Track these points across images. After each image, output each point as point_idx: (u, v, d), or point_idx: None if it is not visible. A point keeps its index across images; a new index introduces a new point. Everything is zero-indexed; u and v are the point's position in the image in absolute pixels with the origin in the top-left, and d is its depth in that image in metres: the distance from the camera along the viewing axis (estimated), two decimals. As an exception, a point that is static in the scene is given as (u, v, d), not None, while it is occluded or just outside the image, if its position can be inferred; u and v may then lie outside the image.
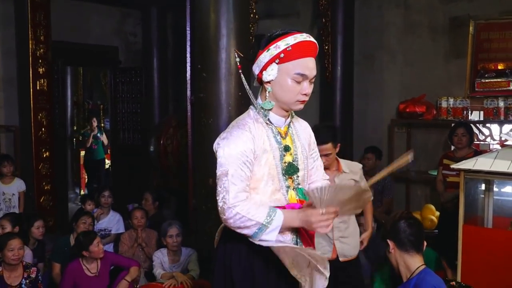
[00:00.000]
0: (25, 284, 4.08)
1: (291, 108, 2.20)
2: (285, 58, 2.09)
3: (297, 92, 2.12)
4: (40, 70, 6.08)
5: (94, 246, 4.27)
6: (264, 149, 2.15)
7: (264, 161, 2.15)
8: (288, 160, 2.21)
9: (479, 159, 3.49)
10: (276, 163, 2.17)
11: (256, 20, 5.72)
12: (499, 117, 5.58)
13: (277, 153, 2.18)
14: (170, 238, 4.63)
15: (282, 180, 2.19)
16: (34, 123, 6.02)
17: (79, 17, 7.49)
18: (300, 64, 2.09)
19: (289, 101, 2.15)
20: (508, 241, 3.37)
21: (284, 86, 2.12)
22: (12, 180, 5.74)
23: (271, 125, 2.21)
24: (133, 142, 8.01)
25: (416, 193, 6.63)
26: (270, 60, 2.11)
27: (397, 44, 6.71)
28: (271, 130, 2.20)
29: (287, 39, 2.08)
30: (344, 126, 6.60)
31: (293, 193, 2.22)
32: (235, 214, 2.04)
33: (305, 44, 2.10)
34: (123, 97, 8.06)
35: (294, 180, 2.23)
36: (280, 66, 2.11)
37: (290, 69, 2.09)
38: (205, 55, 4.24)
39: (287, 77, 2.11)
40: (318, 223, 2.02)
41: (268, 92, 2.17)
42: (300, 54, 2.09)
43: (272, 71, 2.12)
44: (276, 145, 2.19)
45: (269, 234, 2.05)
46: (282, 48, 2.08)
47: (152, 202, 5.88)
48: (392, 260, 2.79)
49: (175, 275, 4.40)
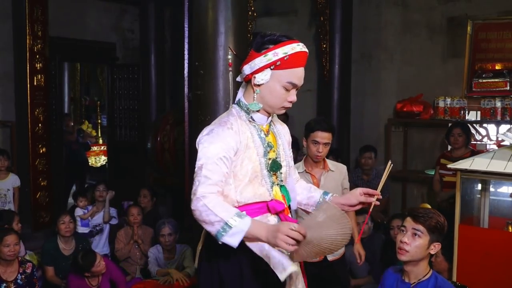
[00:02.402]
0: (20, 279, 4.09)
1: (275, 112, 2.29)
2: (281, 66, 2.14)
3: (284, 99, 2.21)
4: (37, 66, 6.06)
5: (96, 266, 4.25)
6: (247, 145, 2.18)
7: (248, 157, 2.19)
8: (271, 157, 2.27)
9: (476, 159, 3.50)
10: (260, 160, 2.22)
11: (254, 18, 5.71)
12: (496, 117, 5.59)
13: (260, 150, 2.23)
14: (162, 237, 4.66)
15: (267, 176, 2.24)
16: (31, 118, 6.00)
17: (76, 13, 7.46)
18: (293, 74, 2.16)
19: (275, 106, 2.23)
20: (504, 241, 3.38)
21: (274, 92, 2.19)
22: (7, 176, 5.71)
23: (254, 122, 2.26)
24: (130, 139, 8.00)
25: (413, 192, 6.64)
26: (266, 65, 2.15)
27: (395, 43, 6.71)
28: (255, 128, 2.25)
29: (285, 48, 2.14)
30: (341, 125, 6.59)
31: (277, 189, 2.27)
32: (202, 206, 2.03)
33: (300, 55, 2.17)
34: (120, 94, 8.03)
35: (278, 176, 2.29)
36: (274, 72, 2.16)
37: (283, 77, 2.16)
38: (202, 52, 4.23)
39: (278, 83, 2.17)
40: (284, 237, 1.93)
41: (256, 94, 2.22)
42: (294, 64, 2.16)
43: (265, 76, 2.17)
44: (260, 142, 2.24)
45: (233, 237, 1.99)
46: (280, 56, 2.13)
47: (150, 199, 5.88)
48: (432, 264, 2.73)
49: (171, 272, 4.41)
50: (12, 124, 6.44)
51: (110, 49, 8.07)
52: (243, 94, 2.30)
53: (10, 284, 4.03)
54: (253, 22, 5.69)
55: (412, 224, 2.56)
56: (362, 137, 6.76)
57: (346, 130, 6.72)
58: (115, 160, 8.29)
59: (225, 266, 2.21)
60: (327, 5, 6.57)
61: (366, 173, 5.97)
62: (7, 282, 4.02)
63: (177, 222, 4.93)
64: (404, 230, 2.58)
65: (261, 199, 2.21)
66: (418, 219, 2.55)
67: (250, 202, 2.21)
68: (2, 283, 3.99)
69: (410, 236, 2.55)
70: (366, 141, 6.48)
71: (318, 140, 3.52)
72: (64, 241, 4.85)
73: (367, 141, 6.43)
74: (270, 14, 7.45)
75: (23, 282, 4.09)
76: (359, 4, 6.83)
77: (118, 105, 8.08)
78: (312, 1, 7.00)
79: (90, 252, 4.47)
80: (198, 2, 4.33)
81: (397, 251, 2.58)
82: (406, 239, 2.55)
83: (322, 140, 3.51)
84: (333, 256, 3.67)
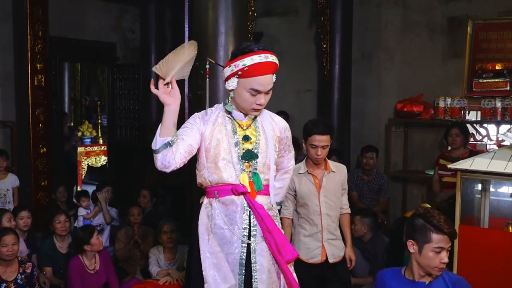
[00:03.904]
0: (20, 279, 4.08)
1: (248, 113, 2.63)
2: (243, 75, 2.49)
3: (252, 102, 2.55)
4: (38, 66, 6.06)
5: (94, 239, 4.37)
6: (219, 134, 2.59)
7: (219, 144, 2.58)
8: (246, 147, 2.62)
9: (476, 159, 3.49)
10: (230, 148, 2.59)
11: (254, 18, 5.72)
12: (496, 118, 5.59)
13: (232, 140, 2.60)
14: (165, 234, 4.64)
15: (238, 163, 2.60)
16: (32, 118, 6.01)
17: (77, 13, 7.47)
18: (255, 81, 2.49)
19: (245, 108, 2.59)
20: (505, 242, 3.38)
21: (242, 97, 2.55)
22: (6, 176, 5.72)
23: (231, 118, 2.64)
24: (130, 139, 8.00)
25: (413, 192, 6.64)
26: (231, 74, 2.52)
27: (395, 43, 6.71)
28: (230, 121, 2.64)
29: (245, 60, 2.46)
30: (341, 125, 6.60)
31: (245, 175, 2.60)
32: None
33: (260, 65, 2.47)
34: (120, 94, 8.04)
35: (252, 165, 2.62)
36: (239, 80, 2.52)
37: (246, 84, 2.51)
38: (203, 52, 4.22)
39: (244, 90, 2.52)
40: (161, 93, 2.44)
41: (230, 97, 2.61)
42: (255, 73, 2.47)
43: (232, 83, 2.54)
44: (232, 134, 2.61)
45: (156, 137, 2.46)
46: (239, 67, 2.48)
47: (150, 199, 5.89)
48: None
49: (171, 273, 4.41)
50: (12, 124, 6.44)
51: (111, 49, 8.08)
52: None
53: (10, 284, 4.03)
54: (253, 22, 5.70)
55: (449, 244, 2.57)
56: (363, 137, 6.76)
57: (347, 130, 6.72)
58: (115, 160, 8.30)
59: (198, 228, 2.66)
60: (328, 5, 6.57)
61: (366, 173, 5.96)
62: (7, 282, 4.01)
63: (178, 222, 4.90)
64: (441, 250, 2.55)
65: (228, 181, 2.59)
66: (453, 237, 2.59)
67: (219, 184, 2.60)
68: (2, 283, 3.99)
69: (446, 254, 2.56)
70: (366, 141, 6.48)
71: (316, 144, 3.49)
72: (61, 239, 4.88)
73: (367, 141, 6.42)
74: (270, 14, 7.46)
75: (23, 282, 4.09)
76: (359, 4, 6.83)
77: (119, 105, 8.08)
78: (312, 1, 7.00)
79: (89, 226, 4.69)
80: (198, 2, 4.33)
81: (433, 269, 2.58)
82: (446, 259, 2.56)
83: (320, 143, 3.48)
84: (335, 258, 3.68)
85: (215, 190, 2.62)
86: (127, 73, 7.94)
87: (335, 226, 3.73)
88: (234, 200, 2.61)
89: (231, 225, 2.60)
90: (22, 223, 4.88)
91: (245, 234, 2.61)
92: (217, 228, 2.62)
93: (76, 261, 4.38)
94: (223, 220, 2.60)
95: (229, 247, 2.60)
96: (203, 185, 2.69)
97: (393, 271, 2.80)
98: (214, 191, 2.62)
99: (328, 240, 3.66)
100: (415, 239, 2.61)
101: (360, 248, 4.83)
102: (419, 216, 2.64)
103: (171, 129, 2.46)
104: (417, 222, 2.62)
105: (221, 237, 2.61)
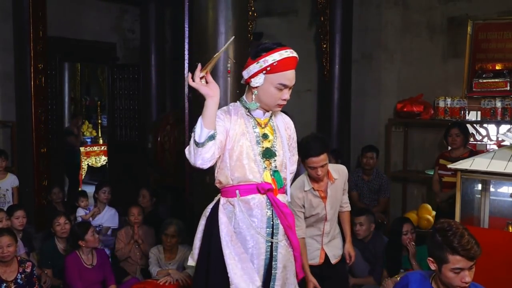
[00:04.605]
0: (20, 279, 4.07)
1: (272, 109, 2.67)
2: (271, 70, 2.53)
3: (278, 98, 2.59)
4: (39, 66, 6.07)
5: (89, 235, 4.44)
6: (242, 132, 2.60)
7: (242, 142, 2.58)
8: (266, 146, 2.64)
9: (476, 159, 3.50)
10: (253, 146, 2.60)
11: (254, 18, 5.71)
12: (496, 118, 5.59)
13: (253, 138, 2.61)
14: (165, 237, 4.64)
15: (260, 161, 2.61)
16: (35, 119, 6.02)
17: (77, 13, 7.47)
18: (283, 76, 2.55)
19: (270, 104, 2.63)
20: (505, 242, 3.38)
21: (268, 93, 2.58)
22: (5, 176, 5.72)
23: (251, 116, 2.66)
24: (130, 139, 8.00)
25: (413, 192, 6.64)
26: (259, 71, 2.54)
27: (395, 43, 6.71)
28: (250, 120, 2.65)
29: (274, 55, 2.51)
30: (341, 125, 6.60)
31: (268, 173, 2.63)
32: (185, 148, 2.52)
33: (288, 60, 2.54)
34: (120, 94, 8.04)
35: (271, 163, 2.64)
36: (266, 76, 2.55)
37: (274, 80, 2.55)
38: (203, 52, 4.22)
39: (271, 85, 2.56)
40: (200, 85, 2.44)
41: (254, 95, 2.61)
42: (283, 68, 2.53)
43: (259, 79, 2.56)
44: (252, 131, 2.63)
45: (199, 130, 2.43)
46: (269, 63, 2.51)
47: (150, 199, 5.89)
48: None
49: (171, 273, 4.40)
50: (12, 124, 6.45)
51: (111, 49, 8.08)
52: (245, 94, 2.70)
53: (10, 284, 4.02)
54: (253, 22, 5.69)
55: (469, 264, 2.40)
56: (363, 137, 6.75)
57: (347, 130, 6.72)
58: (115, 160, 8.30)
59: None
60: (328, 5, 6.57)
61: (366, 173, 5.96)
62: (7, 282, 4.00)
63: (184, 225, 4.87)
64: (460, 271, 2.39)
65: (251, 181, 2.59)
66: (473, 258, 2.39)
67: (242, 183, 2.59)
68: (2, 283, 3.98)
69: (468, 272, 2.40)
70: (366, 141, 6.48)
71: (315, 166, 3.42)
72: (62, 241, 4.88)
73: (367, 141, 6.42)
74: (270, 14, 7.45)
75: (23, 281, 4.08)
76: (359, 4, 6.83)
77: (119, 105, 8.08)
78: (313, 1, 7.00)
79: (86, 222, 4.80)
80: (199, 3, 4.33)
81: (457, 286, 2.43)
82: (468, 278, 2.40)
83: (318, 164, 3.40)
84: (336, 258, 3.69)
85: (236, 189, 2.60)
86: (127, 73, 7.93)
87: (335, 227, 3.75)
88: (257, 198, 2.61)
89: (255, 224, 2.60)
90: (18, 223, 4.86)
91: (269, 232, 2.62)
92: (240, 228, 2.60)
93: (73, 255, 4.46)
94: (246, 220, 2.59)
95: (254, 247, 2.60)
96: (222, 183, 2.66)
97: (421, 275, 2.67)
98: (235, 190, 2.61)
99: (328, 243, 3.69)
100: (433, 257, 2.48)
101: (360, 248, 4.82)
102: (438, 231, 2.46)
103: (213, 122, 2.45)
104: (436, 239, 2.44)
105: (245, 237, 2.60)
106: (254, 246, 2.60)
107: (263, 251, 2.61)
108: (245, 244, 2.59)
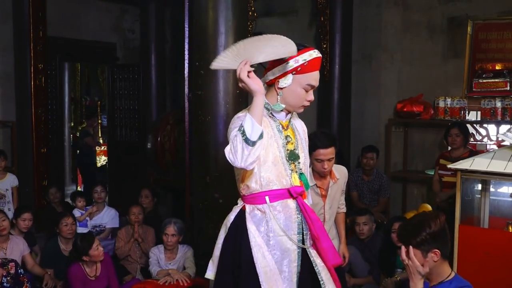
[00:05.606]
0: (6, 281, 3.96)
1: (296, 110, 2.59)
2: (301, 71, 2.46)
3: (304, 99, 2.53)
4: (39, 66, 6.08)
5: (93, 250, 4.21)
6: (269, 134, 2.48)
7: (271, 145, 2.48)
8: (290, 148, 2.56)
9: (476, 159, 3.50)
10: (280, 149, 2.51)
11: (254, 18, 5.72)
12: (496, 118, 5.59)
13: (279, 141, 2.52)
14: (165, 236, 4.64)
15: (286, 164, 2.52)
16: (35, 119, 6.02)
17: (77, 13, 7.47)
18: (311, 77, 2.50)
19: (296, 105, 2.54)
20: (505, 242, 3.38)
21: (295, 93, 2.50)
22: (4, 176, 5.72)
23: (274, 118, 2.55)
24: (130, 139, 8.00)
25: (413, 192, 6.64)
26: (289, 71, 2.46)
27: (395, 43, 6.71)
28: (274, 122, 2.55)
29: (304, 55, 2.46)
30: (341, 125, 6.60)
31: (295, 176, 2.54)
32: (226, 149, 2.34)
33: (316, 60, 2.49)
34: (120, 94, 8.04)
35: (296, 165, 2.56)
36: (295, 76, 2.47)
37: (303, 80, 2.48)
38: (203, 52, 4.23)
39: (299, 86, 2.49)
40: (249, 80, 2.33)
41: (279, 96, 2.52)
42: (312, 68, 2.48)
43: (288, 80, 2.48)
44: (278, 134, 2.53)
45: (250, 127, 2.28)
46: (300, 63, 2.45)
47: (151, 199, 5.89)
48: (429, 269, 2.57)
49: (171, 273, 4.41)
50: (12, 124, 6.45)
51: (111, 49, 8.08)
52: (265, 95, 2.52)
53: (-3, 289, 3.91)
54: (253, 22, 5.70)
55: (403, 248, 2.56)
56: (363, 137, 6.76)
57: (347, 131, 6.72)
58: (115, 160, 8.30)
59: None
60: (328, 5, 6.57)
61: (366, 173, 5.97)
62: (-7, 289, 3.89)
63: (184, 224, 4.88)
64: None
65: (281, 185, 2.49)
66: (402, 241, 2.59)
67: (273, 188, 2.48)
68: None
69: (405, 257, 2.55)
70: (366, 141, 6.48)
71: (322, 158, 3.45)
72: (65, 242, 4.86)
73: (367, 141, 6.42)
74: (270, 14, 7.45)
75: (10, 284, 3.97)
76: (359, 4, 6.83)
77: (119, 105, 8.08)
78: (313, 1, 6.99)
79: (89, 235, 4.50)
80: (199, 3, 4.34)
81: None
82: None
83: (326, 157, 3.45)
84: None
85: (266, 195, 2.47)
86: (127, 73, 7.94)
87: (333, 228, 3.76)
88: (288, 204, 2.50)
89: (288, 231, 2.48)
90: (23, 225, 4.85)
91: (300, 239, 2.52)
92: (272, 236, 2.47)
93: (76, 268, 4.25)
94: (279, 227, 2.47)
95: (287, 255, 2.50)
96: (250, 189, 2.49)
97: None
98: (264, 196, 2.47)
99: None
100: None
101: (360, 248, 4.83)
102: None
103: (262, 119, 2.37)
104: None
105: (279, 246, 2.48)
106: (287, 253, 2.49)
107: (295, 258, 2.51)
108: (277, 251, 2.48)
